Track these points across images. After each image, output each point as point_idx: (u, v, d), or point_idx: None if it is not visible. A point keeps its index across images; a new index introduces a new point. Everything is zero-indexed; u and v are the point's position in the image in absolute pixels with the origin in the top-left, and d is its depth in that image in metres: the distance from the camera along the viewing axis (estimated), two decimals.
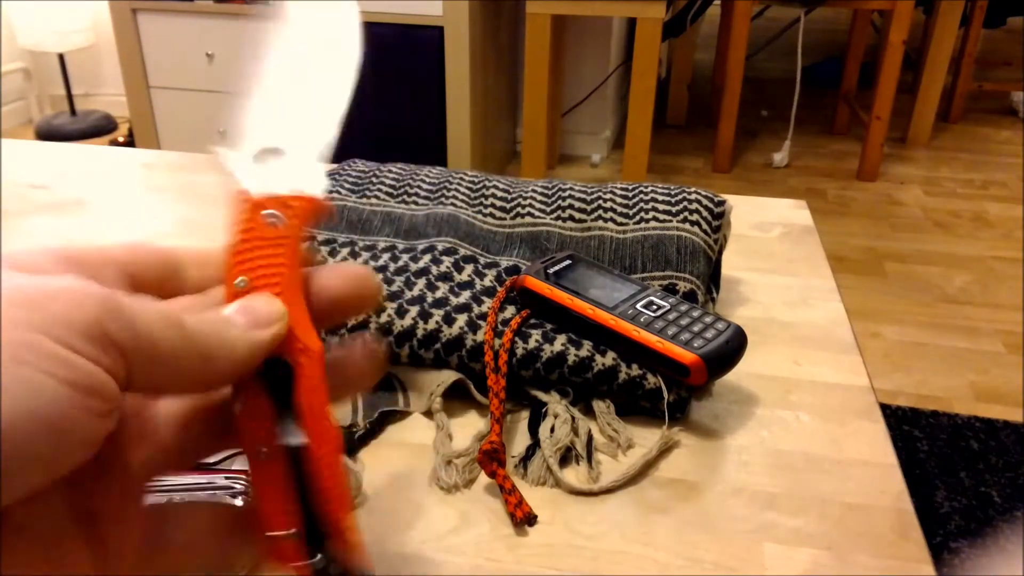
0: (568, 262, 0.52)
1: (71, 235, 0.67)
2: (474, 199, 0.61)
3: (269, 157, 0.28)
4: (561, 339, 0.48)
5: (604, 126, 2.90)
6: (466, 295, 0.51)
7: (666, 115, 3.25)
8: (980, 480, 1.44)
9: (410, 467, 0.43)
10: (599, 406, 0.47)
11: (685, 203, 0.58)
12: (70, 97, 3.07)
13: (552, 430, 0.45)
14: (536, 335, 0.48)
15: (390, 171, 0.65)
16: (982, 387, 1.72)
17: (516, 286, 0.51)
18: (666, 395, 0.45)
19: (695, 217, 0.57)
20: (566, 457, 0.44)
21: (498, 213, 0.60)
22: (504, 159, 2.84)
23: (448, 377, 0.47)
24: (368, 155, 0.69)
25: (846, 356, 0.53)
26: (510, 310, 0.50)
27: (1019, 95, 3.29)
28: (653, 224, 0.57)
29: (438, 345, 0.48)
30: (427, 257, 0.54)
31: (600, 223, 0.58)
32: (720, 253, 0.58)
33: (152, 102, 2.61)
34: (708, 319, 0.48)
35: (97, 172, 0.79)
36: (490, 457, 0.41)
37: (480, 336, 0.47)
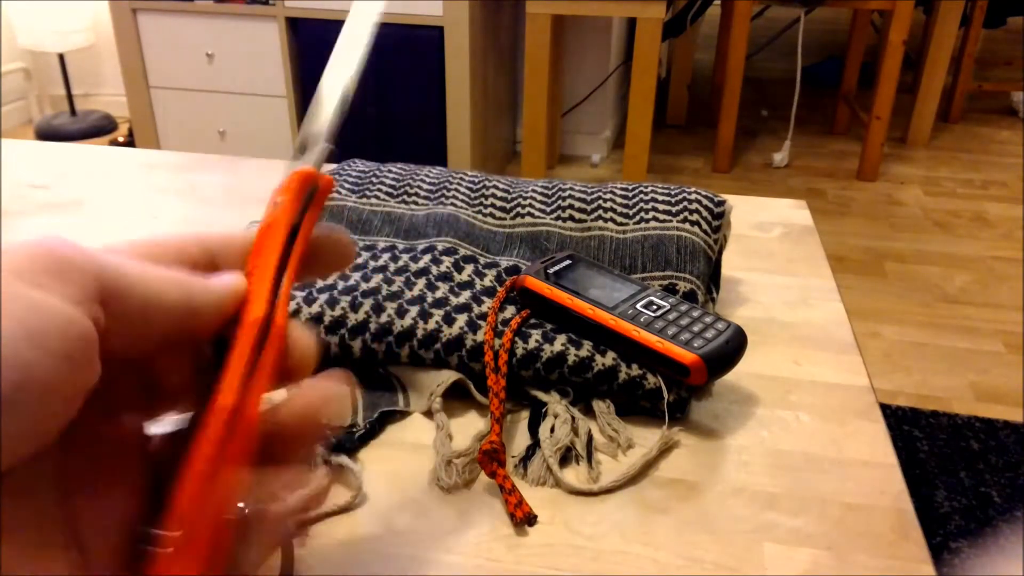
0: (568, 262, 0.52)
1: (71, 235, 0.67)
2: (474, 199, 0.61)
3: (301, 150, 0.30)
4: (561, 339, 0.48)
5: (604, 126, 2.90)
6: (466, 295, 0.51)
7: (666, 115, 3.25)
8: (980, 480, 1.44)
9: (410, 467, 0.43)
10: (599, 406, 0.47)
11: (685, 203, 0.58)
12: (70, 97, 3.07)
13: (552, 430, 0.45)
14: (536, 335, 0.48)
15: (390, 171, 0.65)
16: (982, 387, 1.72)
17: (516, 286, 0.51)
18: (666, 395, 0.45)
19: (695, 217, 0.57)
20: (566, 457, 0.44)
21: (498, 213, 0.60)
22: (504, 159, 2.84)
23: (448, 377, 0.47)
24: (368, 155, 0.70)
25: (846, 356, 0.53)
26: (510, 310, 0.50)
27: (1019, 95, 3.29)
28: (653, 224, 0.57)
29: (438, 345, 0.48)
30: (427, 257, 0.54)
31: (600, 223, 0.58)
32: (720, 253, 0.58)
33: (152, 102, 2.61)
34: (708, 319, 0.48)
35: (97, 172, 0.79)
36: (490, 457, 0.41)
37: (480, 336, 0.47)
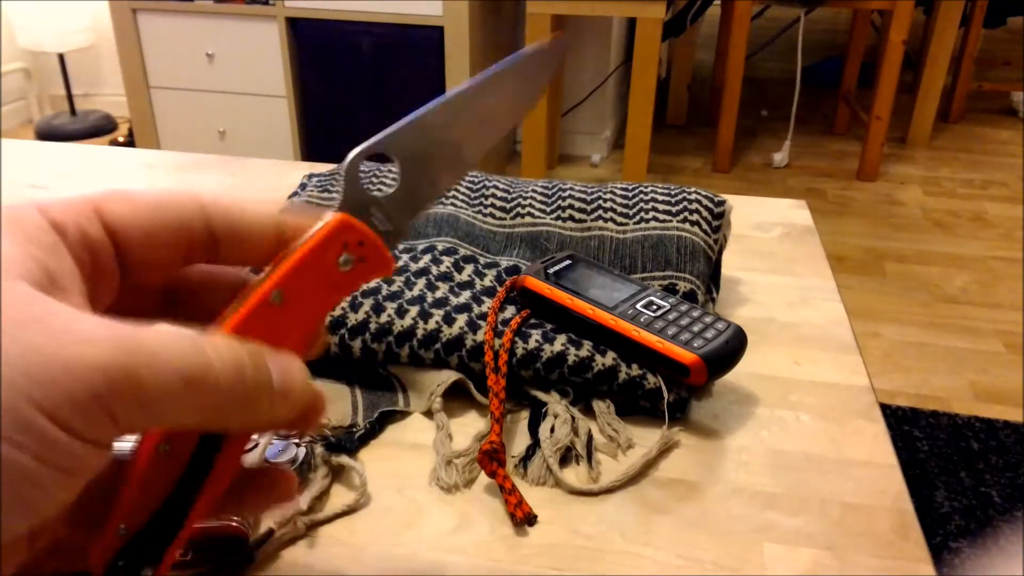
0: (568, 262, 0.52)
1: None
2: (474, 199, 0.61)
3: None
4: (561, 339, 0.48)
5: (604, 126, 2.90)
6: (466, 295, 0.51)
7: (666, 115, 3.25)
8: (980, 480, 1.44)
9: (410, 467, 0.43)
10: (599, 406, 0.47)
11: (685, 203, 0.58)
12: (70, 97, 3.07)
13: (552, 430, 0.45)
14: (536, 335, 0.48)
15: None
16: (982, 387, 1.72)
17: (516, 286, 0.51)
18: (666, 395, 0.45)
19: (695, 217, 0.57)
20: (566, 457, 0.44)
21: (498, 213, 0.60)
22: (504, 159, 2.84)
23: (448, 377, 0.47)
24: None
25: (846, 356, 0.53)
26: (510, 310, 0.50)
27: (1019, 95, 3.29)
28: (653, 224, 0.57)
29: (438, 345, 0.48)
30: (427, 257, 0.54)
31: (600, 223, 0.58)
32: (720, 253, 0.58)
33: (152, 102, 2.60)
34: (708, 319, 0.48)
35: (97, 172, 0.79)
36: (490, 457, 0.41)
37: (480, 336, 0.47)
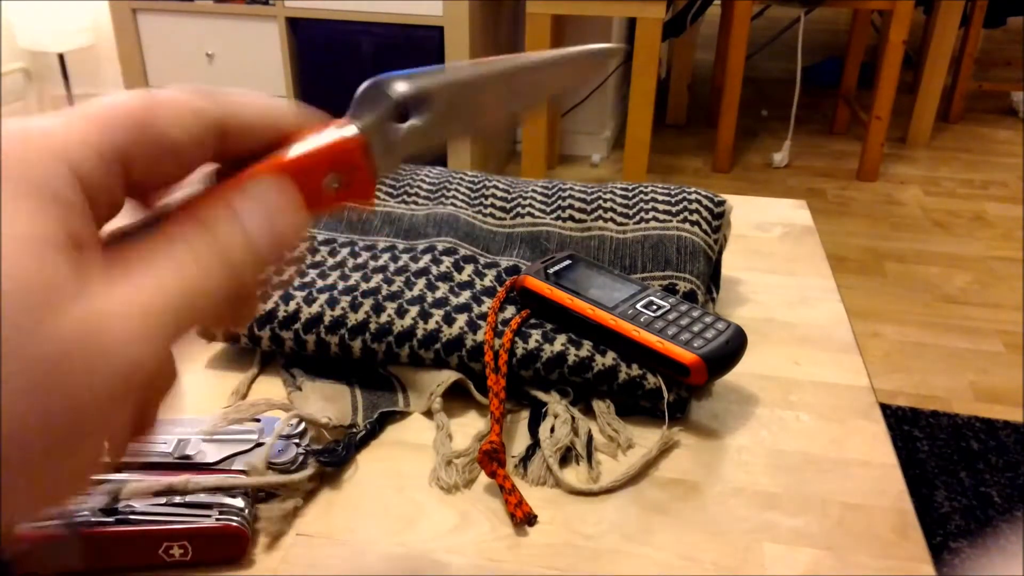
0: (568, 262, 0.52)
1: None
2: (474, 199, 0.61)
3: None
4: (561, 339, 0.48)
5: (604, 126, 2.90)
6: (466, 295, 0.51)
7: (666, 115, 3.25)
8: (980, 480, 1.44)
9: (410, 467, 0.43)
10: (599, 406, 0.47)
11: (685, 203, 0.58)
12: (70, 97, 3.07)
13: (552, 430, 0.45)
14: (536, 335, 0.48)
15: None
16: (982, 387, 1.72)
17: (516, 286, 0.51)
18: (666, 395, 0.45)
19: (695, 217, 0.57)
20: (566, 457, 0.44)
21: (498, 213, 0.60)
22: (504, 159, 2.84)
23: (448, 377, 0.47)
24: None
25: (846, 356, 0.53)
26: (510, 310, 0.50)
27: (1019, 95, 3.29)
28: (653, 224, 0.57)
29: (438, 345, 0.48)
30: (427, 257, 0.54)
31: (600, 223, 0.58)
32: (720, 253, 0.58)
33: None
34: (708, 319, 0.48)
35: None
36: (490, 457, 0.41)
37: (480, 336, 0.47)
